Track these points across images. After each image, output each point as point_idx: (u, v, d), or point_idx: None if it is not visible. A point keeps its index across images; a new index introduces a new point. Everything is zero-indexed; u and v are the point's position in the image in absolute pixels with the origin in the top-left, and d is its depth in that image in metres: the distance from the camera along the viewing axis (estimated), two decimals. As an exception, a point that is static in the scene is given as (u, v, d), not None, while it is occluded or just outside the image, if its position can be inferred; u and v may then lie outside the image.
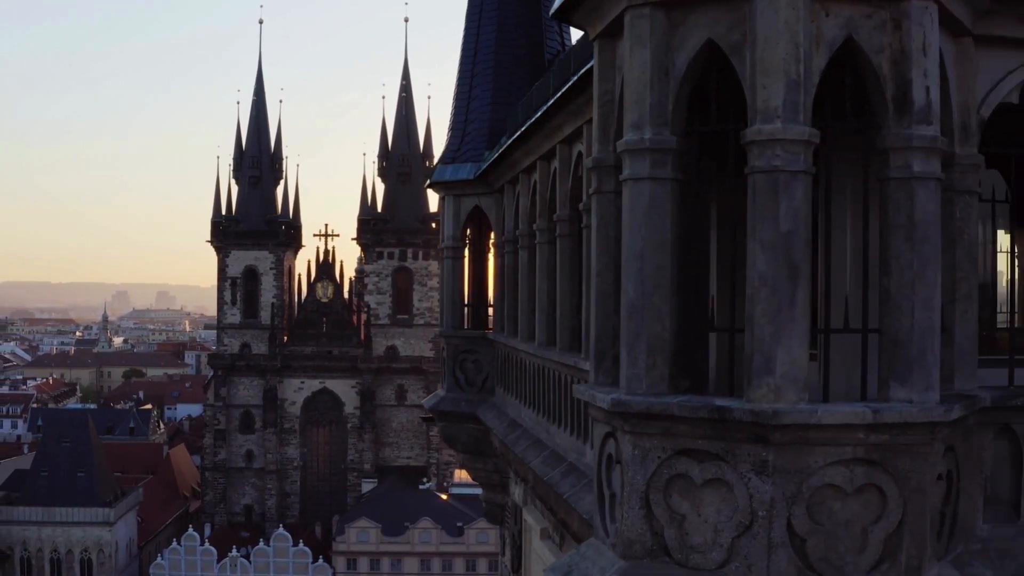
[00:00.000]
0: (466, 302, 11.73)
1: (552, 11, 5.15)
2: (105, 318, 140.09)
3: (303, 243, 72.87)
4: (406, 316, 69.16)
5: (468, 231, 11.68)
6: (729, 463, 4.27)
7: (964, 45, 4.87)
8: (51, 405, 79.65)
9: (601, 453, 4.80)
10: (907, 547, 4.30)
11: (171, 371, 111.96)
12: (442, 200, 11.78)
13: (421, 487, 63.43)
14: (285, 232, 70.17)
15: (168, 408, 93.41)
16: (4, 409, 77.00)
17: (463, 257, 11.71)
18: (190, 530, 59.12)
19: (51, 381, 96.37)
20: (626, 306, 4.53)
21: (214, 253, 70.58)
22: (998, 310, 6.36)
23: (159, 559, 58.78)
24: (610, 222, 5.03)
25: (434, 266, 65.57)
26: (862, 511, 4.27)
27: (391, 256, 69.56)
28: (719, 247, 5.88)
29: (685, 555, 4.39)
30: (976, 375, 4.90)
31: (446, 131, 12.03)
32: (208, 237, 71.38)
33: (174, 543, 58.32)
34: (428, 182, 12.16)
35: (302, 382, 68.33)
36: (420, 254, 69.07)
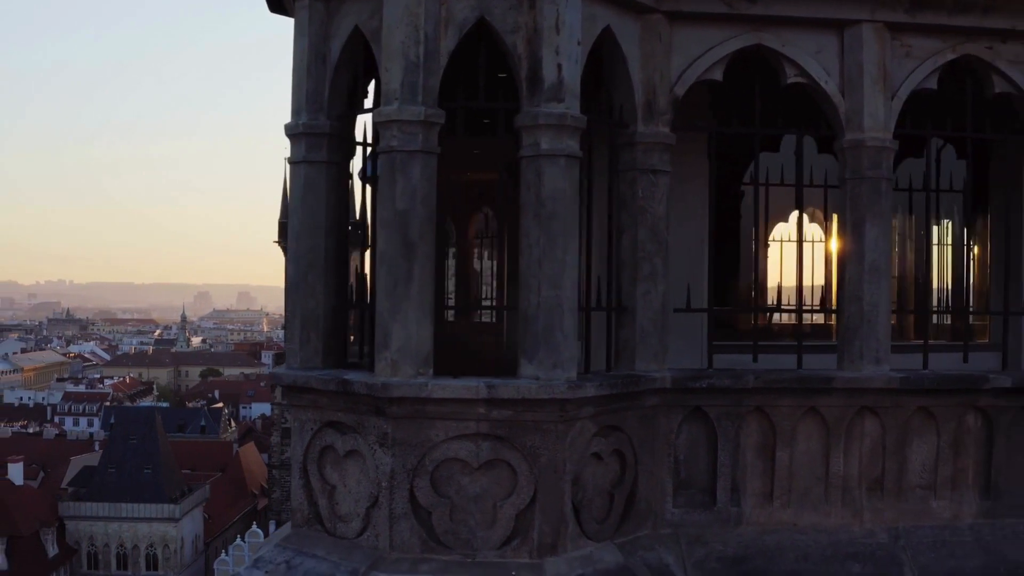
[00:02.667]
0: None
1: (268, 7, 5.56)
2: (184, 318, 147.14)
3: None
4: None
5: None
6: (361, 435, 4.59)
7: (652, 22, 5.00)
8: (126, 404, 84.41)
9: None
10: (539, 524, 4.51)
11: (247, 370, 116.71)
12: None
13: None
14: (352, 232, 72.13)
15: (243, 407, 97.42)
16: (80, 407, 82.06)
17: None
18: (254, 527, 61.60)
19: (128, 380, 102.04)
20: (287, 283, 4.91)
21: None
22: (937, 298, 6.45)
23: (223, 555, 61.51)
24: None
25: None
26: (492, 486, 4.52)
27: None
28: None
29: (334, 524, 4.74)
30: (664, 356, 5.05)
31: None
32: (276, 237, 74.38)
33: (238, 539, 60.93)
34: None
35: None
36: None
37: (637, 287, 5.02)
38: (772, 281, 6.67)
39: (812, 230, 7.54)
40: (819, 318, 8.26)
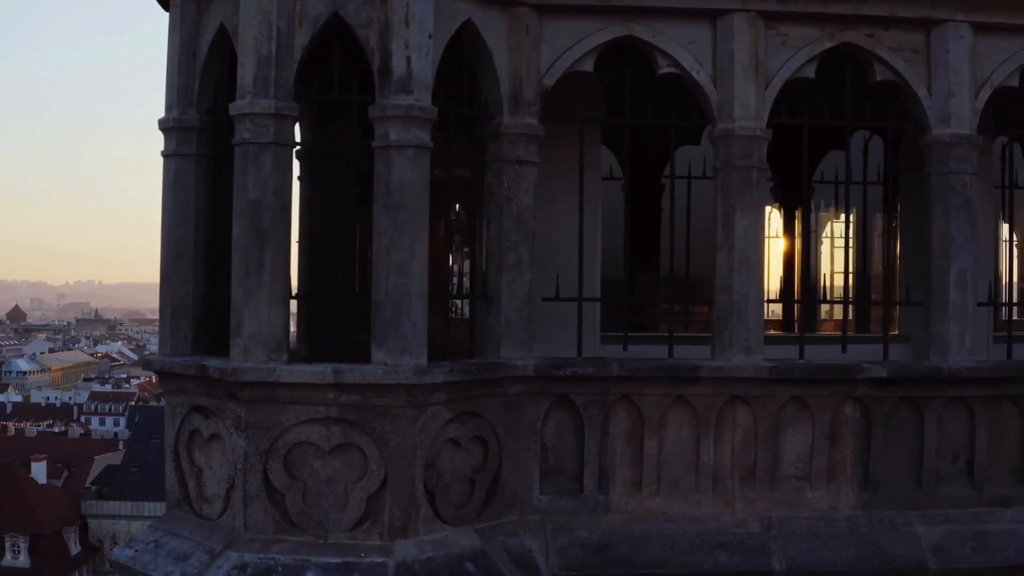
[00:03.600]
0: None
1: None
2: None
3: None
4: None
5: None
6: (221, 419, 4.82)
7: (519, 15, 5.16)
8: (151, 403, 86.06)
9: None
10: (390, 507, 4.70)
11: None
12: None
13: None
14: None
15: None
16: (106, 407, 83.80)
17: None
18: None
19: (154, 380, 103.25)
20: (160, 273, 5.16)
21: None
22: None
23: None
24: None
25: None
26: (344, 469, 4.72)
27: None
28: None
29: (200, 505, 4.99)
30: (531, 344, 5.19)
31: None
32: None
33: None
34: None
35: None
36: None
37: (502, 276, 5.17)
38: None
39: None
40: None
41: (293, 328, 5.35)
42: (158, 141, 5.29)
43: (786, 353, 5.52)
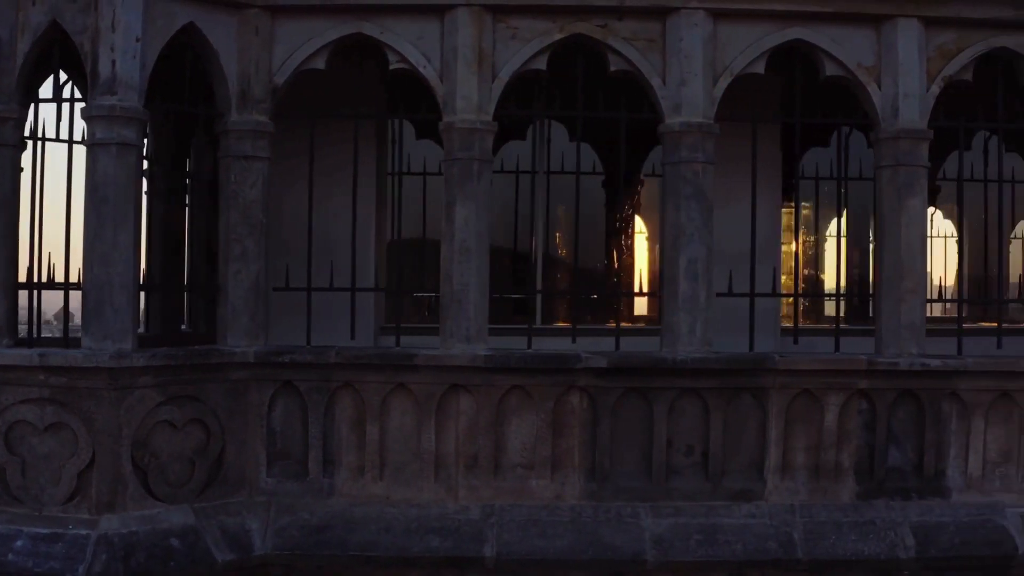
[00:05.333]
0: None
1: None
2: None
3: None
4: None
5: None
6: (-42, 399, 5.40)
7: (249, 16, 5.55)
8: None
9: None
10: (97, 484, 5.16)
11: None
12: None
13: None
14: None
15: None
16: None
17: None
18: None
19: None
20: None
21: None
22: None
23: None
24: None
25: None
26: (58, 447, 5.20)
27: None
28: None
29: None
30: (259, 332, 5.55)
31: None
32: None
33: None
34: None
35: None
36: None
37: (229, 267, 5.58)
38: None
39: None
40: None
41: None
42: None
43: (603, 345, 5.76)
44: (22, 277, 5.57)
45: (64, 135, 5.69)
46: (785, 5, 5.65)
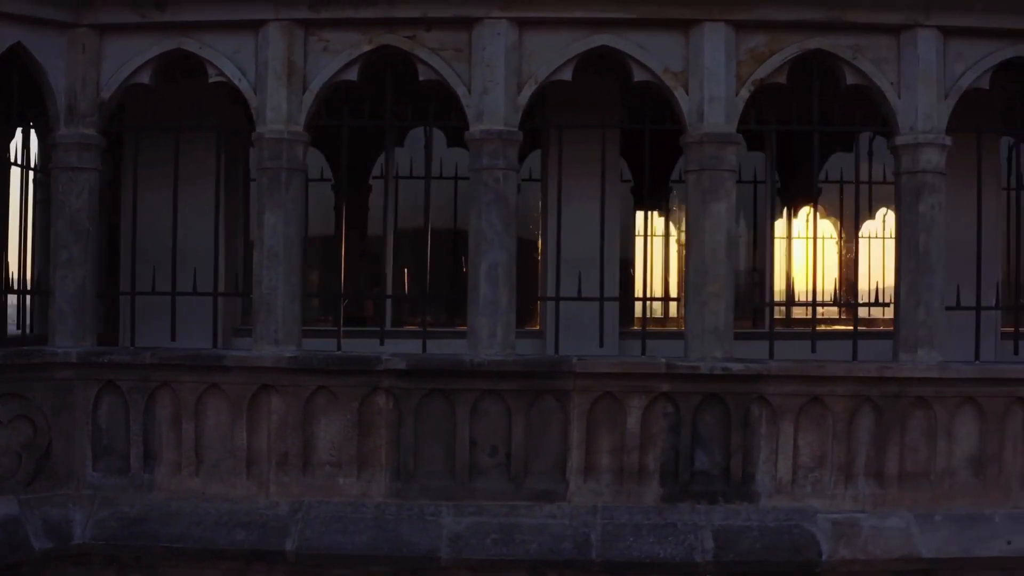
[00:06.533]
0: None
1: None
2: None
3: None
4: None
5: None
6: None
7: (77, 35, 5.94)
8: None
9: None
10: (-76, 474, 5.65)
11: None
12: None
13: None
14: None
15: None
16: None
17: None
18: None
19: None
20: None
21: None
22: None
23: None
24: None
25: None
26: None
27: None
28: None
29: None
30: (86, 333, 5.94)
31: None
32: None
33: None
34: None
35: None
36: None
37: (56, 272, 6.01)
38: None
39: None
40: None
41: None
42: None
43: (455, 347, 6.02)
44: None
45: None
46: (590, 12, 5.85)
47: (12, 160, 7.13)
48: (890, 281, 6.48)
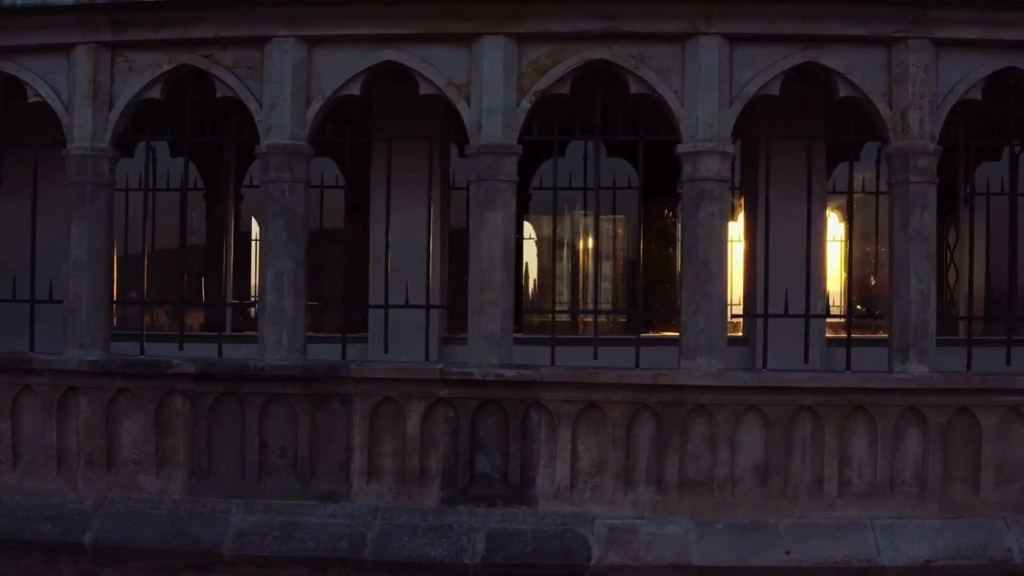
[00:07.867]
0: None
1: None
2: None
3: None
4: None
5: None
6: None
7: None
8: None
9: None
10: None
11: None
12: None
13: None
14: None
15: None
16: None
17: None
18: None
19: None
20: None
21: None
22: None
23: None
24: None
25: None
26: None
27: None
28: None
29: None
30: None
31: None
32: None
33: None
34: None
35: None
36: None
37: None
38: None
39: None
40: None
41: None
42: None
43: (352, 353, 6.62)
44: None
45: None
46: (376, 29, 6.13)
47: None
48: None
